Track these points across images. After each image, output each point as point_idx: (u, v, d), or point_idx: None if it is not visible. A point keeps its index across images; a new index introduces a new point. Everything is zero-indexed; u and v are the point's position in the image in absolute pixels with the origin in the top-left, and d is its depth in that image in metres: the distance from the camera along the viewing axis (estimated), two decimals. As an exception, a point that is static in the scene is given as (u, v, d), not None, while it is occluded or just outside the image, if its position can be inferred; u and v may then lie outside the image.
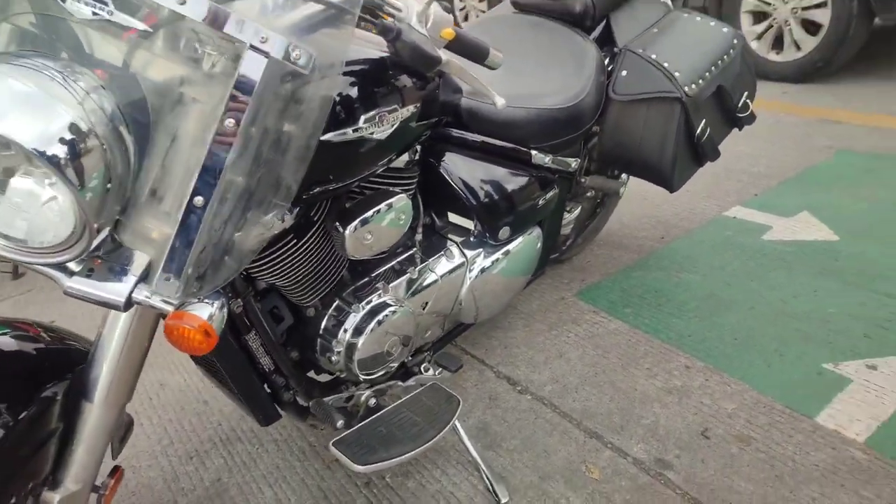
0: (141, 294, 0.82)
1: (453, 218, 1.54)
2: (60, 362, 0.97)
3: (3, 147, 0.75)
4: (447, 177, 1.43)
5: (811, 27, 3.67)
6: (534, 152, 1.54)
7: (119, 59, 0.80)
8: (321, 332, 1.29)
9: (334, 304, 1.29)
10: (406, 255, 1.41)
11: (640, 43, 1.71)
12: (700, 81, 1.66)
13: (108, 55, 0.80)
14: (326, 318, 1.28)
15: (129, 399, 0.98)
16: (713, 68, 1.72)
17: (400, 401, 1.36)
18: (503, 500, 1.35)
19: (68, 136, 0.72)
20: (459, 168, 1.45)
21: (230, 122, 0.76)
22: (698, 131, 1.70)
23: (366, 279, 1.34)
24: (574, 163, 1.68)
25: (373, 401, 1.37)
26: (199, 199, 0.78)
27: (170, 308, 0.83)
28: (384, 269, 1.37)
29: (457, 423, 1.39)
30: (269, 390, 1.28)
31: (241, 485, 1.47)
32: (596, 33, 1.78)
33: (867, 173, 2.62)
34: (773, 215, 2.36)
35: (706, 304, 1.91)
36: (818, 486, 1.30)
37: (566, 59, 1.64)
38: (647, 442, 1.45)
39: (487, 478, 1.40)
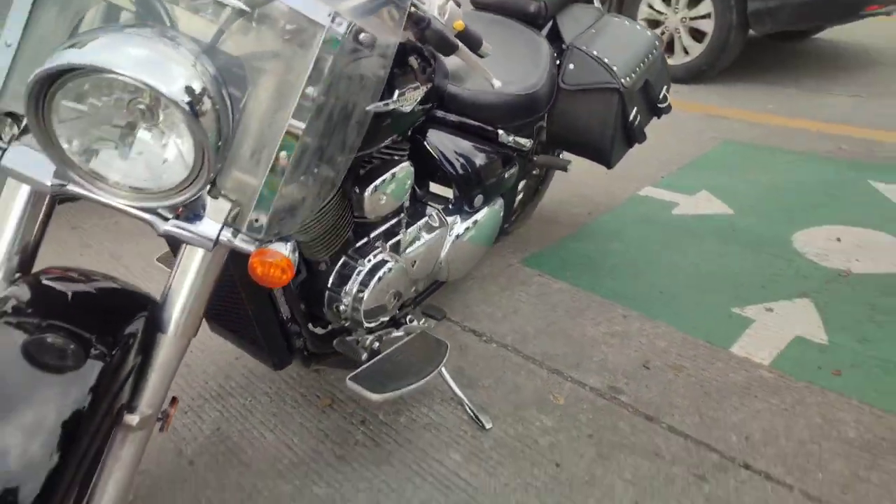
0: (226, 235, 0.96)
1: (433, 188, 1.74)
2: (128, 301, 1.08)
3: (117, 108, 0.87)
4: (431, 150, 1.63)
5: (698, 35, 4.16)
6: (500, 132, 1.77)
7: (209, 33, 0.94)
8: (330, 284, 1.45)
9: (341, 261, 1.46)
10: (396, 219, 1.60)
11: (583, 41, 1.99)
12: (633, 75, 1.96)
13: (199, 29, 0.93)
14: (335, 272, 1.45)
15: (196, 334, 1.10)
16: (642, 64, 2.02)
17: (397, 345, 1.55)
18: (487, 426, 1.57)
19: (189, 96, 0.85)
20: (441, 143, 1.65)
21: (310, 90, 0.92)
22: (631, 117, 2.00)
23: (365, 239, 1.52)
24: (528, 143, 1.93)
25: (376, 344, 1.54)
26: (283, 155, 0.93)
27: (251, 248, 0.97)
28: (380, 230, 1.55)
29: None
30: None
31: (241, 432, 1.60)
32: (545, 31, 2.04)
33: (749, 160, 3.07)
34: (678, 194, 2.74)
35: (633, 266, 2.23)
36: (738, 399, 1.62)
37: (524, 52, 1.89)
38: (600, 374, 1.73)
39: (471, 409, 1.62)
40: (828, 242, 2.30)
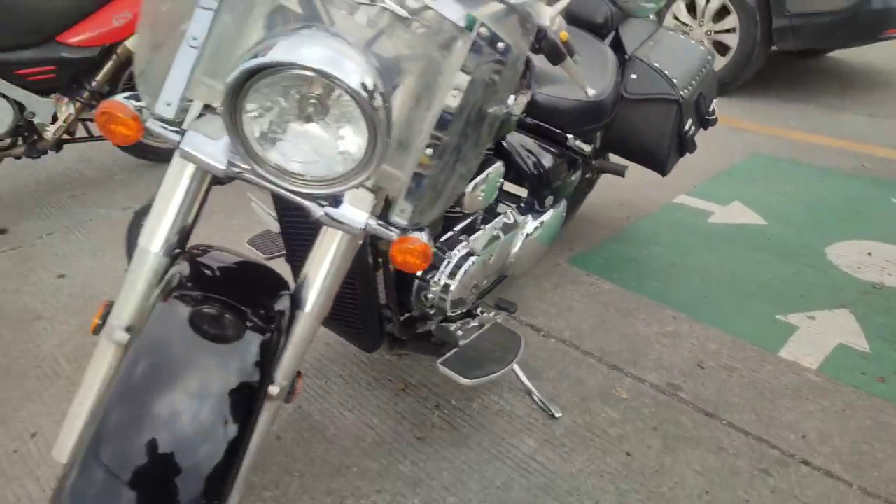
0: (371, 223, 1.04)
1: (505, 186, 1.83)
2: (271, 279, 1.15)
3: (295, 102, 0.94)
4: (510, 151, 1.72)
5: (721, 48, 4.27)
6: (569, 136, 1.86)
7: (365, 35, 1.01)
8: (419, 273, 1.53)
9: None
10: (474, 215, 1.68)
11: (643, 52, 2.08)
12: (690, 87, 2.06)
13: (354, 32, 1.01)
14: (424, 262, 1.53)
15: (327, 313, 1.18)
16: (697, 77, 2.12)
17: (476, 334, 1.63)
18: (557, 415, 1.66)
19: (366, 91, 0.92)
20: (519, 144, 1.74)
21: (455, 92, 1.00)
22: (686, 128, 2.10)
23: (451, 233, 1.60)
24: (589, 148, 2.02)
25: (460, 332, 1.62)
26: (429, 151, 1.01)
27: (394, 235, 1.05)
28: (462, 225, 1.63)
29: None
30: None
31: (322, 411, 1.67)
32: (607, 41, 2.13)
33: (776, 173, 3.19)
34: (712, 203, 2.84)
35: (674, 270, 2.33)
36: (790, 400, 1.73)
37: (594, 61, 1.98)
38: (658, 371, 1.83)
39: (539, 399, 1.70)
40: (860, 256, 2.42)
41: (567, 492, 1.46)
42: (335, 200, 1.05)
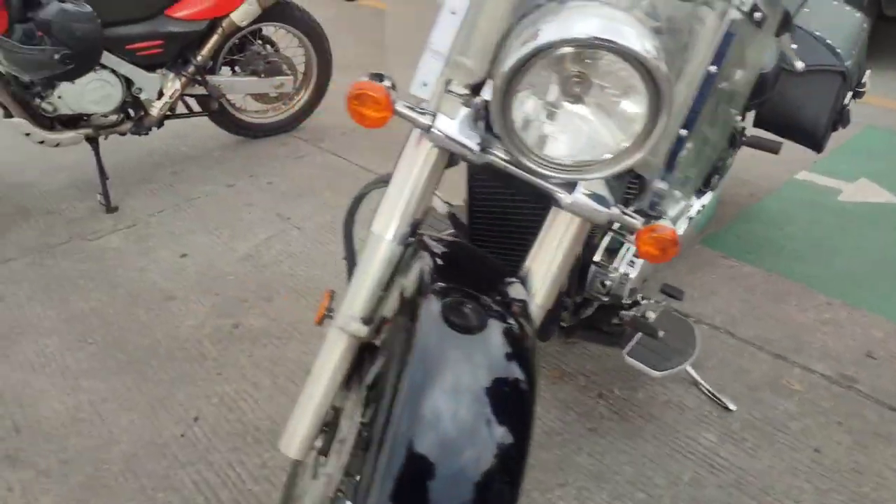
0: (617, 210, 0.96)
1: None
2: (496, 266, 1.08)
3: (560, 82, 0.86)
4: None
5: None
6: (732, 110, 1.74)
7: (624, 2, 0.92)
8: (597, 259, 1.46)
9: (609, 236, 1.46)
10: (643, 195, 1.59)
11: (801, 19, 1.94)
12: (852, 57, 1.92)
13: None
14: (602, 247, 1.45)
15: (552, 303, 1.10)
16: (857, 46, 1.98)
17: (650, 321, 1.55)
18: (731, 408, 1.58)
19: (659, 62, 0.82)
20: (687, 120, 1.63)
21: (713, 68, 0.91)
22: (845, 101, 1.97)
23: (625, 215, 1.51)
24: (742, 124, 1.91)
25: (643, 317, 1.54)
26: (684, 132, 0.92)
27: (638, 223, 0.97)
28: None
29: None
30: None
31: (480, 399, 1.62)
32: (762, 6, 1.99)
33: (894, 147, 3.03)
34: (838, 180, 2.70)
35: (815, 251, 2.22)
36: (979, 393, 1.63)
37: (756, 28, 1.85)
38: (825, 361, 1.73)
39: (709, 390, 1.62)
40: None
41: (762, 490, 1.38)
42: (570, 186, 0.98)
